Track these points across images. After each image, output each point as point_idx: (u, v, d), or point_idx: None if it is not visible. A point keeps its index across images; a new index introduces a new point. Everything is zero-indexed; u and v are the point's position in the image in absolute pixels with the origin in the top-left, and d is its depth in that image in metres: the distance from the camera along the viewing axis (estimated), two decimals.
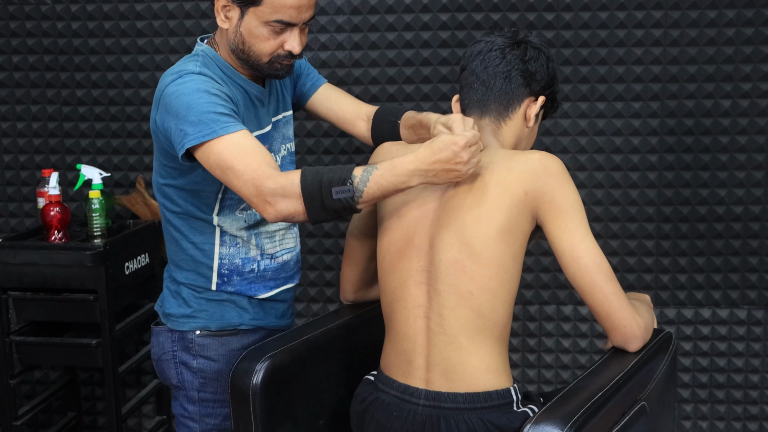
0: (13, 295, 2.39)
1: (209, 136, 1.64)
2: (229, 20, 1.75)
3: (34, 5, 2.68)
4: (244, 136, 1.67)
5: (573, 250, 1.59)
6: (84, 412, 2.88)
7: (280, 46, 1.75)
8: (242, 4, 1.71)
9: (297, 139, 2.67)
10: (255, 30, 1.73)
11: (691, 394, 2.71)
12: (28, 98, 2.75)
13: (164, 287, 1.94)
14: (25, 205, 2.81)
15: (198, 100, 1.66)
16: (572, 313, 2.70)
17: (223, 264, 1.85)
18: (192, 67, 1.74)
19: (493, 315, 1.62)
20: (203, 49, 1.81)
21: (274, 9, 1.70)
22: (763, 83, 2.53)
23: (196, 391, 1.87)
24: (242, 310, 1.87)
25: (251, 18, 1.72)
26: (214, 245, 1.84)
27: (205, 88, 1.69)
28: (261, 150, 1.67)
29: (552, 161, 1.62)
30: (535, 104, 1.75)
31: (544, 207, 1.61)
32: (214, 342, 1.86)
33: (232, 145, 1.65)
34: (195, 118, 1.65)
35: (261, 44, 1.74)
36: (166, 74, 1.76)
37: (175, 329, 1.87)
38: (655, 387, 1.65)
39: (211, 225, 1.83)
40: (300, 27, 1.75)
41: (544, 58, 1.75)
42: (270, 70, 1.78)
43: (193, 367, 1.86)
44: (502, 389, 1.62)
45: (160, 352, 1.91)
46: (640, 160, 2.60)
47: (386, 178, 1.60)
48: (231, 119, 1.67)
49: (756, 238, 2.61)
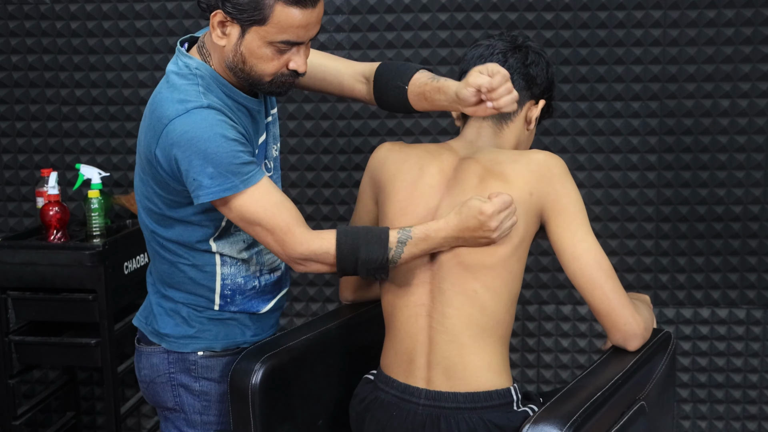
0: (12, 294, 2.39)
1: (230, 191, 1.56)
2: (227, 37, 1.60)
3: (33, 5, 2.68)
4: (267, 187, 1.59)
5: (574, 249, 1.61)
6: (83, 411, 2.87)
7: (285, 65, 1.62)
8: (244, 23, 1.56)
9: (295, 139, 2.67)
10: (258, 50, 1.59)
11: (690, 394, 2.71)
12: (27, 98, 2.74)
13: (153, 304, 1.80)
14: (24, 205, 2.81)
15: (216, 149, 1.54)
16: (571, 312, 2.70)
17: (225, 285, 1.75)
18: (196, 97, 1.59)
19: (497, 314, 1.63)
20: (197, 66, 1.64)
21: (281, 29, 1.56)
22: (762, 83, 2.53)
23: (198, 414, 1.77)
24: (245, 327, 1.79)
25: (254, 37, 1.58)
26: (215, 266, 1.74)
27: (222, 132, 1.56)
28: (285, 203, 1.61)
29: (556, 162, 1.64)
30: (536, 107, 1.77)
31: (548, 207, 1.62)
32: (218, 363, 1.76)
33: (256, 201, 1.58)
34: (213, 170, 1.55)
35: (264, 64, 1.61)
36: (164, 100, 1.60)
37: (173, 350, 1.76)
38: (654, 387, 1.66)
39: (210, 251, 1.73)
40: (306, 43, 1.63)
41: (544, 63, 1.77)
42: (271, 88, 1.66)
43: (194, 389, 1.76)
44: (502, 389, 1.62)
45: (153, 375, 1.78)
46: (639, 160, 2.60)
47: (420, 247, 1.61)
48: (252, 167, 1.58)
49: (755, 237, 2.61)
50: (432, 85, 1.72)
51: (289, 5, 1.55)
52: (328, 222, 2.70)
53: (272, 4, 1.54)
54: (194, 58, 1.66)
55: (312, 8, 1.57)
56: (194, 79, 1.62)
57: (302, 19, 1.56)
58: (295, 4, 1.55)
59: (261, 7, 1.54)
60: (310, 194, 2.70)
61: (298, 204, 2.68)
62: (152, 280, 1.81)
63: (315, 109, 2.65)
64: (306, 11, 1.56)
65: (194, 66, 1.64)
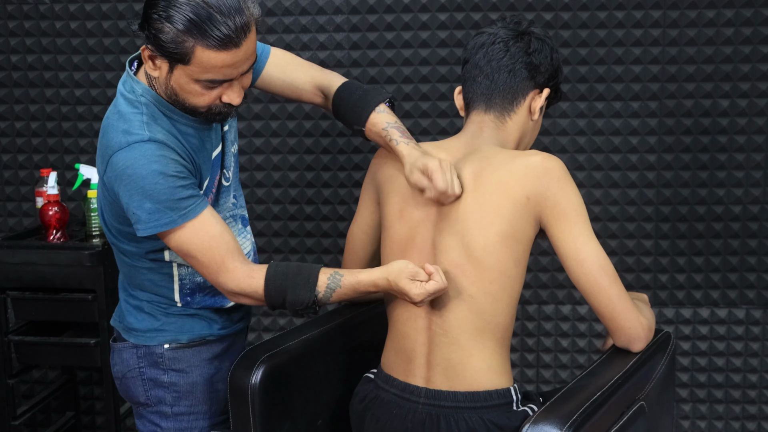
0: (12, 294, 2.39)
1: (168, 226, 1.59)
2: (158, 69, 1.58)
3: (32, 5, 2.68)
4: (205, 220, 1.61)
5: (577, 254, 1.58)
6: (82, 411, 2.87)
7: (217, 99, 1.60)
8: (169, 60, 1.54)
9: (295, 139, 2.67)
10: (186, 86, 1.57)
11: (689, 394, 2.71)
12: (27, 98, 2.74)
13: (122, 300, 1.83)
14: (23, 205, 2.81)
15: (153, 186, 1.56)
16: (571, 312, 2.70)
17: (184, 285, 1.76)
18: (139, 129, 1.58)
19: (495, 318, 1.62)
20: (143, 92, 1.63)
21: (204, 69, 1.54)
22: (761, 83, 2.53)
23: (169, 407, 1.79)
24: (211, 321, 1.80)
25: (180, 74, 1.56)
26: (172, 268, 1.75)
27: (160, 169, 1.56)
28: (222, 235, 1.62)
29: (554, 163, 1.60)
30: (540, 97, 1.72)
31: (547, 211, 1.59)
32: (185, 353, 1.78)
33: (193, 234, 1.60)
34: (151, 205, 1.57)
35: (195, 98, 1.59)
36: (112, 128, 1.61)
37: (141, 344, 1.78)
38: (653, 387, 1.66)
39: (163, 260, 1.74)
40: (237, 78, 1.59)
41: (548, 50, 1.72)
42: (208, 117, 1.64)
43: (163, 382, 1.78)
44: (502, 389, 1.62)
45: (124, 370, 1.80)
46: (639, 160, 2.60)
47: (347, 294, 1.66)
48: (191, 201, 1.59)
49: (754, 237, 2.61)
50: (384, 140, 1.74)
51: (208, 48, 1.51)
52: (328, 222, 2.70)
53: (192, 46, 1.51)
54: (140, 83, 1.64)
55: (236, 48, 1.53)
56: (139, 107, 1.62)
57: (226, 59, 1.53)
58: (216, 48, 1.51)
59: (181, 49, 1.52)
60: (310, 194, 2.70)
61: (297, 204, 2.70)
62: (120, 278, 1.84)
63: (314, 108, 2.64)
64: (229, 52, 1.53)
65: (139, 92, 1.63)
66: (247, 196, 2.67)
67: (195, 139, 1.67)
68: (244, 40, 1.53)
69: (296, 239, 2.73)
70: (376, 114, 1.77)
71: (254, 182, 2.70)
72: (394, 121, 1.76)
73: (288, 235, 2.73)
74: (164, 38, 1.52)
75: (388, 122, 1.75)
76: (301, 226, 2.72)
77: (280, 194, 2.71)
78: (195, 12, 1.49)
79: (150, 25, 1.54)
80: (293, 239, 2.73)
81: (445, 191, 1.59)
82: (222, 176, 1.77)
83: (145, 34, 1.56)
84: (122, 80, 1.68)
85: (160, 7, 1.53)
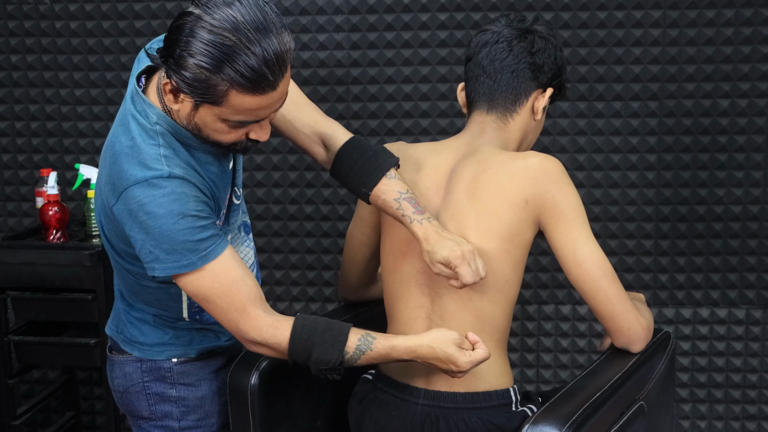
0: (12, 294, 2.39)
1: (187, 268, 1.46)
2: (180, 104, 1.43)
3: (32, 5, 2.68)
4: (226, 262, 1.49)
5: (576, 255, 1.58)
6: (82, 411, 2.87)
7: (244, 135, 1.48)
8: (197, 100, 1.39)
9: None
10: (212, 124, 1.44)
11: (689, 394, 2.71)
12: (27, 97, 2.74)
13: (121, 311, 1.71)
14: (23, 205, 2.81)
15: (173, 227, 1.44)
16: (570, 312, 2.70)
17: (193, 303, 1.64)
18: (157, 164, 1.45)
19: (493, 320, 1.62)
20: (157, 119, 1.48)
21: (236, 111, 1.40)
22: (761, 83, 2.53)
23: (176, 421, 1.71)
24: (219, 333, 1.73)
25: (207, 113, 1.42)
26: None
27: (180, 209, 1.44)
28: (244, 279, 1.50)
29: (552, 165, 1.59)
30: (543, 96, 1.71)
31: (545, 212, 1.58)
32: (194, 367, 1.70)
33: (213, 277, 1.48)
34: (169, 246, 1.45)
35: (220, 135, 1.46)
36: (125, 156, 1.46)
37: (146, 358, 1.68)
38: (653, 387, 1.65)
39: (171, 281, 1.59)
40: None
41: (552, 48, 1.70)
42: (230, 149, 1.52)
43: (171, 396, 1.70)
44: (501, 389, 1.62)
45: (126, 384, 1.71)
46: (639, 160, 2.60)
47: (378, 359, 1.55)
48: (211, 242, 1.47)
49: (754, 237, 2.61)
50: (396, 214, 1.60)
51: (244, 93, 1.37)
52: (328, 222, 2.70)
53: (226, 90, 1.36)
54: (153, 107, 1.49)
55: (272, 91, 1.39)
56: (156, 138, 1.47)
57: (261, 102, 1.39)
58: (252, 92, 1.37)
59: (214, 92, 1.37)
60: (310, 194, 2.70)
61: (297, 204, 2.70)
62: (119, 287, 1.72)
63: None
64: (265, 96, 1.39)
65: (154, 120, 1.48)
66: (247, 196, 2.67)
67: (214, 167, 1.56)
68: (281, 81, 1.39)
69: (296, 239, 2.73)
70: (387, 180, 1.62)
71: (254, 182, 2.70)
72: (405, 190, 1.61)
73: (288, 235, 2.73)
74: (192, 77, 1.36)
75: (400, 192, 1.61)
76: (301, 226, 2.72)
77: (280, 194, 2.71)
78: (229, 50, 1.34)
79: (175, 59, 1.37)
80: (293, 239, 2.73)
81: (473, 283, 1.54)
82: (233, 194, 1.66)
83: (168, 66, 1.39)
84: (131, 98, 1.52)
85: (184, 42, 1.35)
